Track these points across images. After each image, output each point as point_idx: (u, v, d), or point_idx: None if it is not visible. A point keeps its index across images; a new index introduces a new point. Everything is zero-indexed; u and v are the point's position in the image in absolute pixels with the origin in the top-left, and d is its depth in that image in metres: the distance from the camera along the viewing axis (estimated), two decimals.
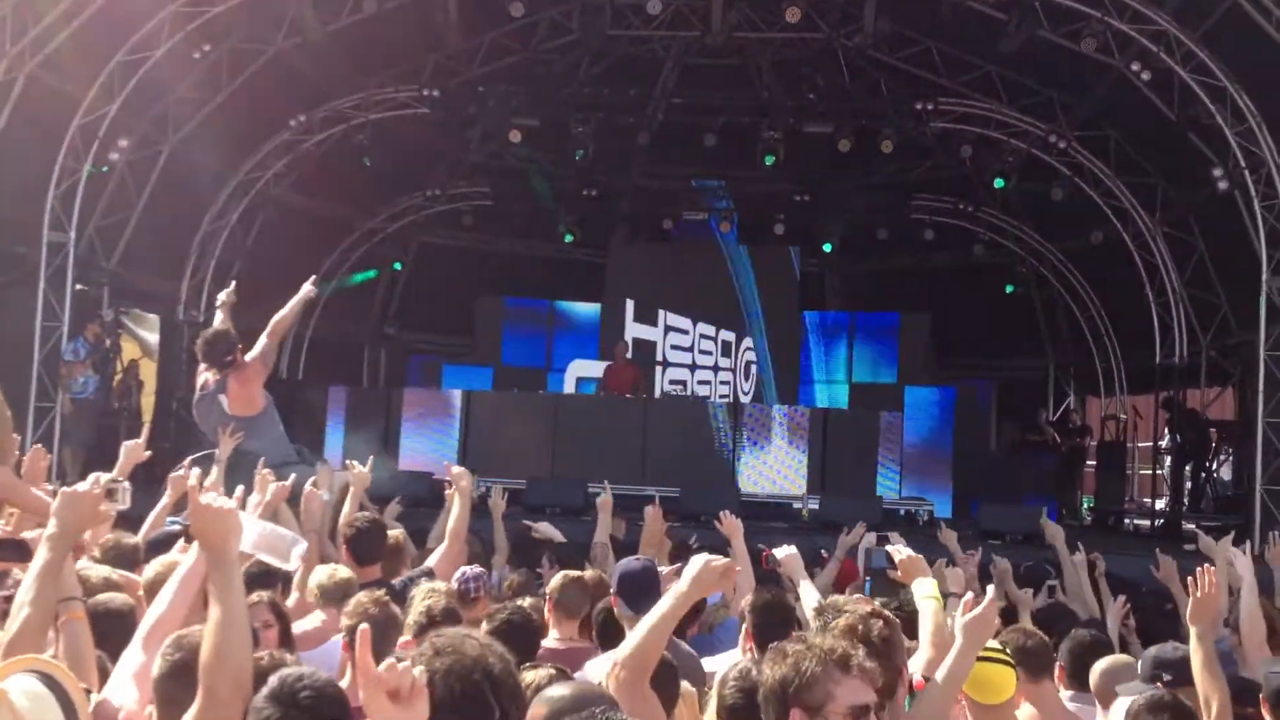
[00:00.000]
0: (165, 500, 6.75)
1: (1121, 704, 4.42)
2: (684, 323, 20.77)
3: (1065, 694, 5.05)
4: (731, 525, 6.96)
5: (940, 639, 4.26)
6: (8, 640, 3.45)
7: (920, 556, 4.84)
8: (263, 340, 8.55)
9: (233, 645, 3.09)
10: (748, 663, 3.69)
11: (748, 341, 20.75)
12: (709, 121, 18.75)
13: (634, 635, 3.82)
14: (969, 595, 4.21)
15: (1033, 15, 14.56)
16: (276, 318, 8.64)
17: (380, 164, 19.17)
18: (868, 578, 8.63)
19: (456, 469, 6.85)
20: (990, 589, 4.37)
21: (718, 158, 19.36)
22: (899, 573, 4.94)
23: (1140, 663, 4.92)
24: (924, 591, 4.56)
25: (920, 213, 21.04)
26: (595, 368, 20.35)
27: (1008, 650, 4.38)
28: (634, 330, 20.69)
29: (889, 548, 5.01)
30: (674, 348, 20.85)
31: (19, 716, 2.76)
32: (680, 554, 8.48)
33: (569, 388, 21.00)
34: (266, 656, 3.63)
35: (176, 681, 3.31)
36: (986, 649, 4.29)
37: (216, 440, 8.18)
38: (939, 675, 3.89)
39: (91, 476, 3.92)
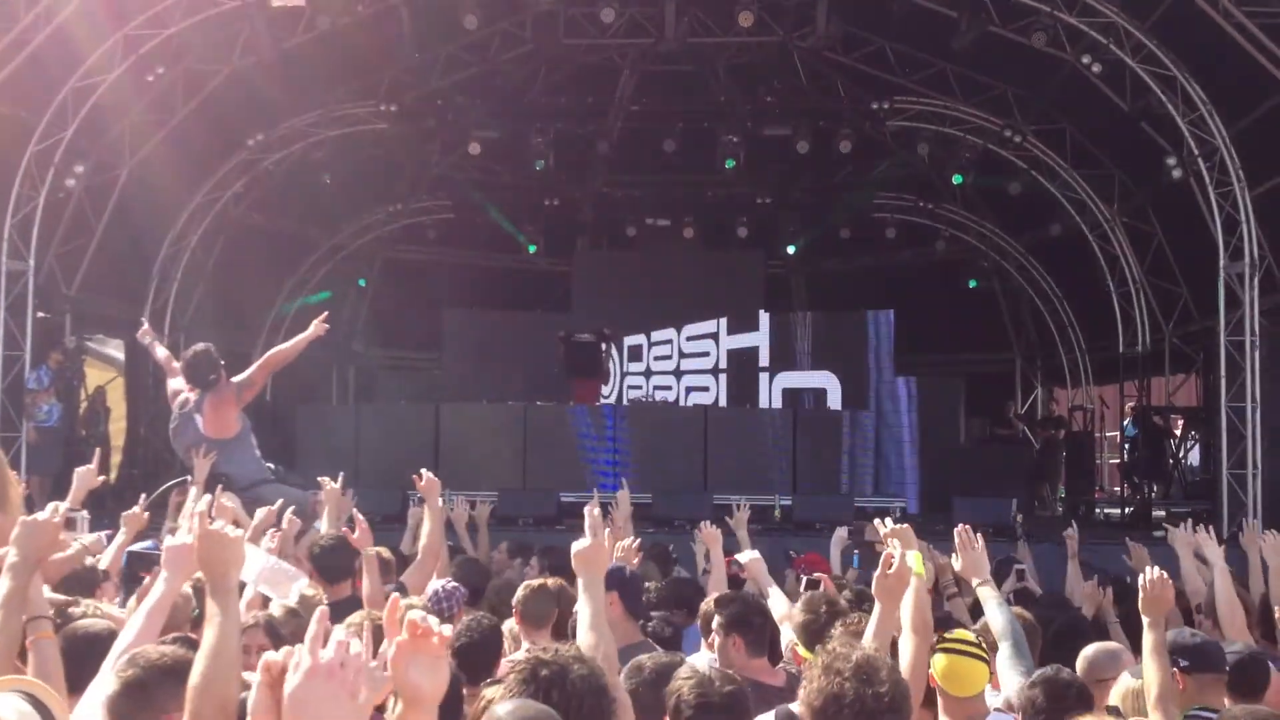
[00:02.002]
0: (121, 539, 6.64)
1: (1120, 686, 4.46)
2: (665, 332, 20.75)
3: None
4: (710, 535, 7.03)
5: (921, 619, 4.32)
6: None
7: (906, 527, 4.87)
8: (251, 369, 8.50)
9: (222, 672, 3.10)
10: (705, 671, 3.67)
11: (723, 343, 20.70)
12: (668, 128, 18.80)
13: (583, 639, 3.89)
14: (885, 552, 4.28)
15: (983, 12, 14.69)
16: (275, 349, 8.63)
17: (341, 181, 19.13)
18: (855, 551, 8.71)
19: (426, 480, 6.79)
20: (894, 543, 4.39)
21: (678, 163, 19.42)
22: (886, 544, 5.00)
23: None
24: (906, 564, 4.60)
25: (882, 211, 21.16)
26: None
27: (982, 644, 4.42)
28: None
29: (876, 521, 5.04)
30: (658, 358, 20.85)
31: None
32: (660, 560, 8.53)
33: None
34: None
35: (130, 700, 3.29)
36: (959, 641, 4.35)
37: (187, 460, 8.14)
38: (865, 641, 3.95)
39: (50, 506, 3.93)
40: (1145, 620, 4.46)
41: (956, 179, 18.92)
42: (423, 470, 6.95)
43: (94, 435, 16.57)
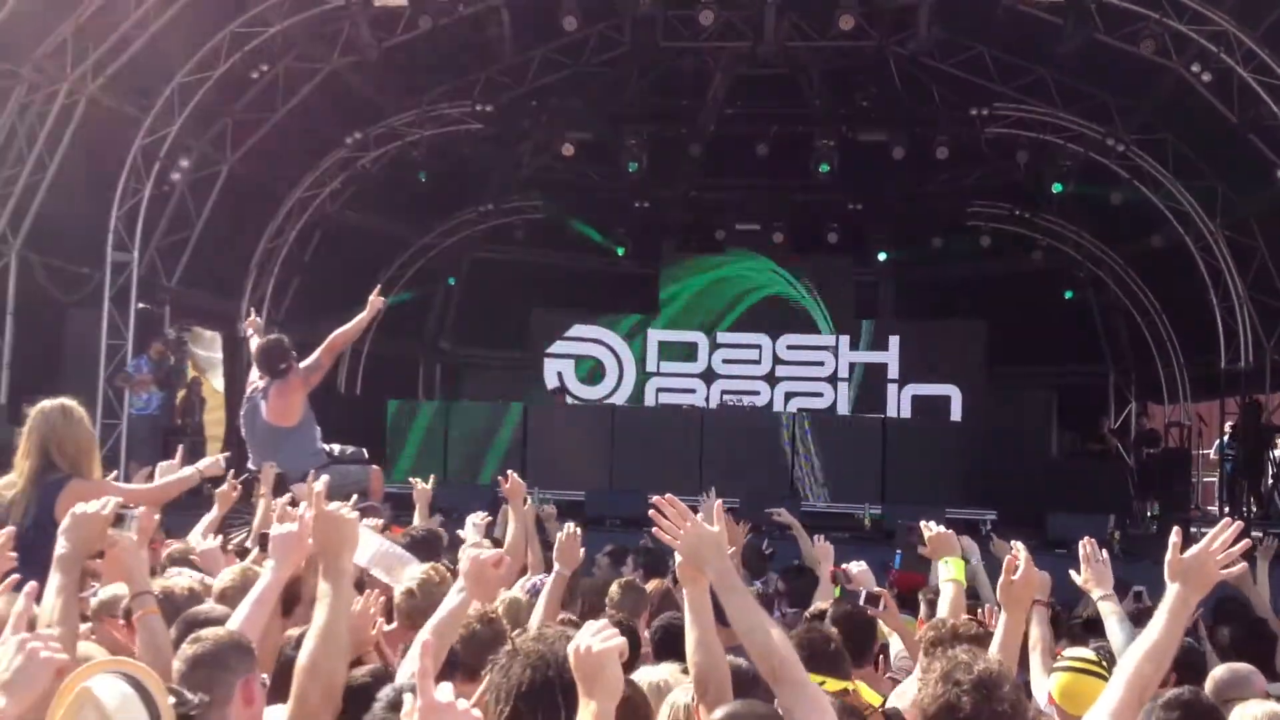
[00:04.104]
0: (213, 514, 6.80)
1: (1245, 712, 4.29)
2: (752, 337, 20.65)
3: None
4: (823, 550, 7.08)
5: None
6: None
7: (950, 533, 4.83)
8: (316, 353, 8.53)
9: (330, 656, 3.11)
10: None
11: (845, 356, 20.54)
12: (761, 131, 18.70)
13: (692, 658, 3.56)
14: (1008, 556, 4.15)
15: (1089, 18, 14.41)
16: (337, 332, 8.60)
17: (434, 180, 19.30)
18: (899, 550, 8.61)
19: (511, 483, 6.82)
20: (1018, 545, 4.25)
21: (770, 167, 19.31)
22: (928, 548, 5.02)
23: None
24: (947, 574, 4.56)
25: (976, 219, 20.88)
26: None
27: (1102, 663, 4.31)
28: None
29: (921, 523, 5.00)
30: (727, 361, 20.76)
31: (107, 716, 2.82)
32: (754, 560, 8.50)
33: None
34: (366, 671, 3.65)
35: (200, 672, 3.33)
36: (1082, 660, 4.23)
37: (250, 448, 8.29)
38: (992, 652, 3.85)
39: (102, 500, 3.99)
40: None
41: (1056, 187, 18.59)
42: (509, 472, 6.98)
43: (189, 425, 16.90)
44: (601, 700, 2.65)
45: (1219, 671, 4.67)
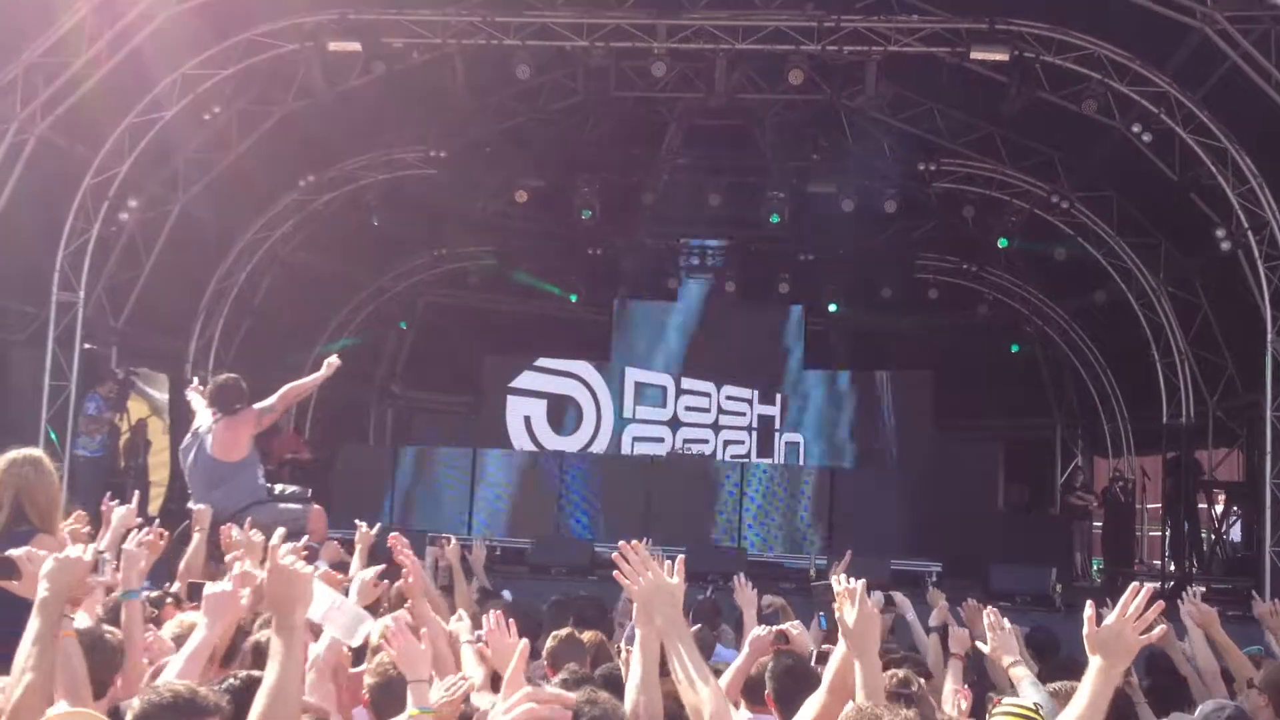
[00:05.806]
0: (143, 565, 6.67)
1: None
2: (703, 385, 20.78)
3: None
4: (747, 598, 6.97)
5: (836, 685, 3.98)
6: (13, 705, 3.48)
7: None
8: (273, 398, 8.57)
9: (281, 711, 3.04)
10: None
11: (756, 409, 20.74)
12: (714, 181, 18.89)
13: (631, 699, 3.76)
14: (840, 589, 3.91)
15: (1033, 78, 14.69)
16: (292, 384, 8.70)
17: (387, 224, 19.30)
18: (820, 613, 8.57)
19: (397, 542, 6.77)
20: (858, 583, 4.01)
21: (722, 217, 19.47)
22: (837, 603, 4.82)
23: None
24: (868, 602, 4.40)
25: (924, 272, 21.12)
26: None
27: (1039, 711, 4.32)
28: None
29: (833, 574, 4.80)
30: (689, 409, 20.85)
31: None
32: (708, 616, 8.46)
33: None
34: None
35: None
36: (1018, 707, 4.25)
37: (190, 483, 8.24)
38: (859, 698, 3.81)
39: (79, 546, 3.98)
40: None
41: (1002, 242, 18.88)
42: (393, 533, 6.93)
43: (133, 466, 16.68)
44: None
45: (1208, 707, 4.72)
